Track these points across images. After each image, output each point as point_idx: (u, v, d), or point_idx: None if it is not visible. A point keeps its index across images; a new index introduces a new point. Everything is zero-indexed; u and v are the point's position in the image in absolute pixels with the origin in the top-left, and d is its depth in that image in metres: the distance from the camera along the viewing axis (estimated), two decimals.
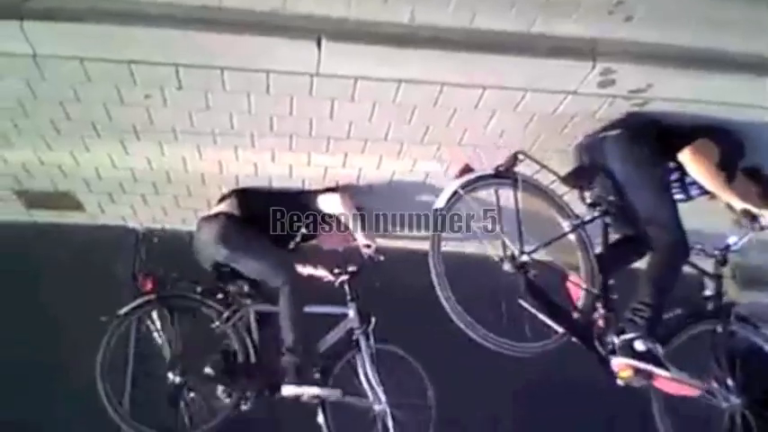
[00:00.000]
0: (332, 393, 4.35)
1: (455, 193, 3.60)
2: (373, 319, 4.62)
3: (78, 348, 4.43)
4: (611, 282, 3.65)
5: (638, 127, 3.63)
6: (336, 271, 4.71)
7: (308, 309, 4.46)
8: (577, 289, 3.67)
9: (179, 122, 3.86)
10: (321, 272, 4.79)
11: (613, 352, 3.47)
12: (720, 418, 3.75)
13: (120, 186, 4.71)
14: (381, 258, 4.52)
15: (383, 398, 4.55)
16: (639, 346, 3.37)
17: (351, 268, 4.66)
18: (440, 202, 3.60)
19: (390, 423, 4.54)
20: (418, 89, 3.52)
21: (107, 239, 5.32)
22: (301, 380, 4.21)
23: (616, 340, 3.45)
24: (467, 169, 3.74)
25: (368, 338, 4.60)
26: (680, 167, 3.63)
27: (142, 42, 3.18)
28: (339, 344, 4.64)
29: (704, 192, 3.70)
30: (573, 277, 3.68)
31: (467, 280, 3.42)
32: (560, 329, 3.54)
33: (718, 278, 3.83)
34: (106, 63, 3.31)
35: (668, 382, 3.47)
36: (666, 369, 3.39)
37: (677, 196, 3.76)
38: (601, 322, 3.56)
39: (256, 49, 3.21)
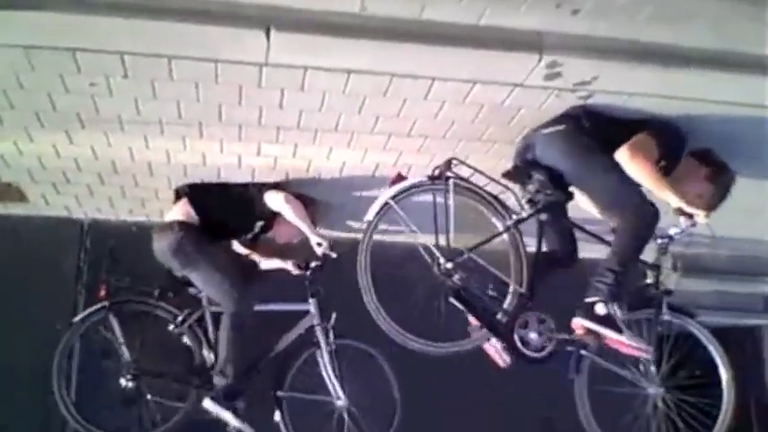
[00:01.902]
0: (245, 428, 4.31)
1: (385, 204, 3.69)
2: (333, 316, 4.62)
3: (21, 343, 4.36)
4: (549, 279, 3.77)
5: (577, 122, 3.67)
6: (303, 265, 4.70)
7: (268, 307, 4.53)
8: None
9: (125, 111, 3.79)
10: (288, 265, 4.77)
11: (536, 350, 3.66)
12: (644, 405, 3.88)
13: (64, 176, 4.61)
14: (334, 255, 4.49)
15: (342, 394, 4.59)
16: (600, 309, 3.47)
17: (313, 264, 4.66)
18: (369, 215, 3.69)
19: (350, 420, 4.59)
20: (368, 79, 3.51)
21: (51, 231, 5.21)
22: (223, 403, 4.27)
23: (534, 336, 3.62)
24: (399, 178, 3.82)
25: (327, 335, 4.61)
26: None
27: (87, 30, 3.11)
28: (299, 341, 4.67)
29: None
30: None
31: (397, 277, 3.59)
32: (483, 328, 3.66)
33: (656, 267, 3.91)
34: (50, 51, 3.23)
35: (620, 344, 3.54)
36: (620, 332, 3.47)
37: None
38: (525, 321, 3.69)
39: (204, 38, 3.16)
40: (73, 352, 4.48)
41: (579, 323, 3.53)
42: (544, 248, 3.84)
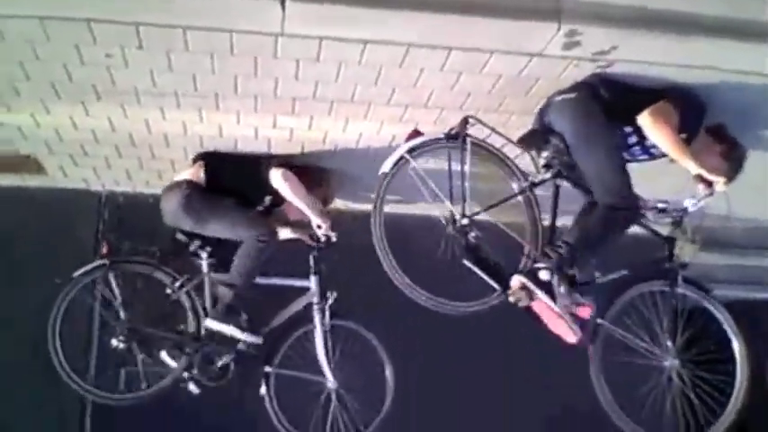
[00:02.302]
0: (254, 339, 4.35)
1: (401, 157, 3.67)
2: (333, 295, 4.58)
3: (39, 316, 4.41)
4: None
5: (594, 90, 3.64)
6: (316, 237, 4.62)
7: (269, 280, 4.51)
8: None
9: (141, 83, 3.79)
10: (301, 234, 4.70)
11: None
12: (659, 377, 3.84)
13: (81, 149, 4.63)
14: (335, 239, 4.47)
15: (331, 375, 4.59)
16: (544, 275, 3.46)
17: (323, 239, 4.58)
18: (386, 167, 3.67)
19: (338, 402, 4.59)
20: (384, 50, 3.49)
21: (69, 203, 5.24)
22: (225, 318, 4.30)
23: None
24: (415, 133, 3.80)
25: (323, 315, 4.57)
26: (638, 130, 3.64)
27: (102, 1, 3.11)
28: (295, 317, 4.64)
29: (665, 153, 3.72)
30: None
31: (411, 241, 3.54)
32: (498, 288, 3.62)
33: (671, 240, 3.86)
34: (65, 21, 3.23)
35: (548, 310, 3.51)
36: (553, 300, 3.46)
37: (640, 158, 3.80)
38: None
39: (219, 9, 3.15)
40: (70, 307, 4.44)
41: (518, 279, 3.52)
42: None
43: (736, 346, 3.86)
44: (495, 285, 3.64)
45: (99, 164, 4.87)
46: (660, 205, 3.74)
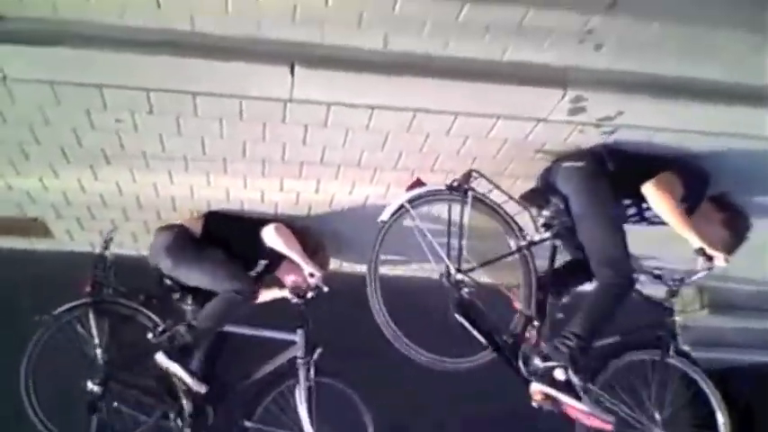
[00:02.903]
0: (198, 387, 4.21)
1: (401, 206, 3.65)
2: (318, 350, 4.48)
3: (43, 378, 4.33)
4: (558, 302, 3.74)
5: (599, 161, 3.66)
6: (301, 294, 4.56)
7: (254, 332, 4.43)
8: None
9: (150, 147, 3.83)
10: (286, 293, 4.64)
11: (536, 374, 3.52)
12: None
13: (89, 212, 4.64)
14: (326, 289, 4.39)
15: None
16: (559, 375, 3.41)
17: (310, 294, 4.52)
18: (385, 215, 3.65)
19: None
20: (391, 115, 3.53)
21: (75, 266, 5.20)
22: (177, 358, 4.15)
23: (539, 365, 3.50)
24: (418, 183, 3.78)
25: (308, 370, 4.46)
26: (636, 201, 3.66)
27: (113, 66, 3.15)
28: (278, 371, 4.53)
29: (663, 222, 3.69)
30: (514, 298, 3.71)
31: (404, 299, 3.52)
32: (488, 347, 3.57)
33: (669, 310, 3.83)
34: (76, 87, 3.29)
35: (579, 412, 3.46)
36: (579, 400, 3.40)
37: (637, 226, 3.79)
38: (530, 344, 3.60)
39: (229, 75, 3.20)
40: (46, 347, 4.30)
41: (537, 389, 3.47)
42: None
43: (721, 421, 3.82)
44: (485, 343, 3.58)
45: (105, 227, 4.85)
46: (656, 271, 3.74)
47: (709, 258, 3.53)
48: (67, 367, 4.50)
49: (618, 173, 3.62)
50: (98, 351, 4.37)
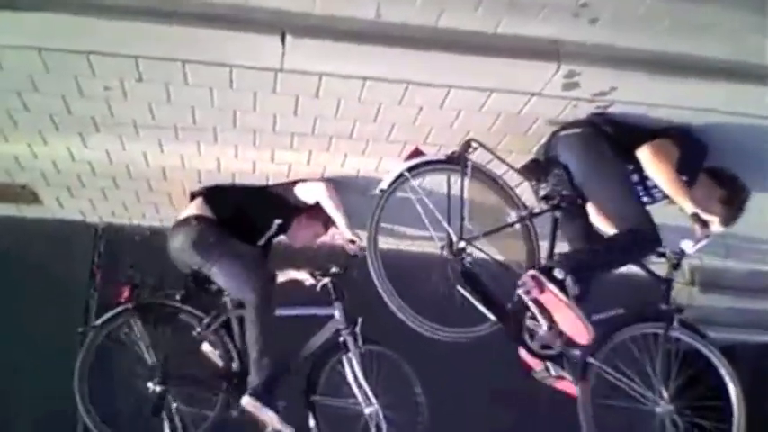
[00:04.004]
0: (285, 428, 4.11)
1: (401, 175, 3.60)
2: (360, 320, 4.49)
3: (31, 346, 4.34)
4: None
5: (597, 127, 3.64)
6: (318, 273, 4.60)
7: (291, 311, 4.41)
8: None
9: (139, 116, 3.79)
10: (302, 275, 4.67)
11: (544, 346, 3.54)
12: (651, 422, 3.74)
13: (78, 180, 4.61)
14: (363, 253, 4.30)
15: (374, 399, 4.45)
16: (558, 273, 3.36)
17: (333, 269, 4.55)
18: (384, 184, 3.61)
19: (384, 425, 4.44)
20: (383, 87, 3.49)
21: (65, 234, 5.21)
22: (264, 399, 4.04)
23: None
24: (416, 153, 3.74)
25: (355, 339, 4.48)
26: (639, 170, 3.63)
27: (102, 33, 3.11)
28: (326, 346, 4.55)
29: (666, 195, 3.68)
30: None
31: (407, 273, 3.52)
32: (492, 317, 3.54)
33: (667, 282, 3.79)
34: (65, 54, 3.24)
35: (559, 305, 3.38)
36: (566, 296, 3.34)
37: (642, 199, 3.75)
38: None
39: (219, 43, 3.16)
40: (96, 357, 4.26)
41: (531, 272, 3.42)
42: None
43: (733, 391, 3.79)
44: (489, 315, 3.55)
45: (96, 195, 4.85)
46: (659, 249, 3.66)
47: (705, 224, 3.48)
48: (121, 375, 4.53)
49: (616, 137, 3.60)
50: (150, 353, 4.39)
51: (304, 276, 4.68)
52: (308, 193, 4.42)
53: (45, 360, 4.58)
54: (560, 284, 3.34)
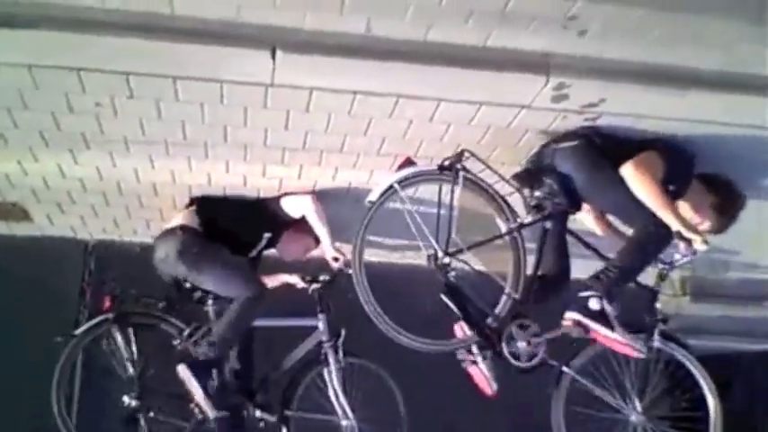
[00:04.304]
0: (209, 409, 4.08)
1: (390, 187, 3.62)
2: (343, 332, 4.49)
3: (22, 363, 4.31)
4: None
5: (588, 137, 3.65)
6: (308, 278, 4.59)
7: (276, 322, 4.41)
8: None
9: (130, 132, 3.79)
10: (293, 278, 4.67)
11: (518, 357, 3.58)
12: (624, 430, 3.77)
13: (69, 197, 4.60)
14: (350, 271, 4.21)
15: (350, 414, 4.45)
16: (594, 304, 3.41)
17: (323, 277, 4.54)
18: (373, 195, 3.63)
19: None
20: (374, 101, 3.50)
21: (56, 251, 5.19)
22: (199, 373, 4.07)
23: (523, 347, 3.57)
24: (407, 162, 3.74)
25: (337, 352, 4.47)
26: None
27: (92, 50, 3.11)
28: (307, 358, 4.54)
29: None
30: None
31: (392, 284, 3.63)
32: (470, 331, 3.59)
33: (653, 293, 3.80)
34: (55, 70, 3.24)
35: (611, 340, 3.46)
36: (612, 329, 3.41)
37: None
38: (515, 328, 3.62)
39: (210, 59, 3.16)
40: (74, 367, 4.32)
41: (570, 316, 3.48)
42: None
43: (711, 403, 3.79)
44: (467, 329, 3.61)
45: (86, 212, 4.84)
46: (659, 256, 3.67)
47: (689, 242, 3.46)
48: (99, 384, 4.58)
49: (605, 149, 3.61)
50: (128, 364, 4.36)
51: (295, 280, 4.67)
52: (293, 207, 4.41)
53: (34, 377, 4.53)
54: (601, 317, 3.40)
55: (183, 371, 4.06)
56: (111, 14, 2.99)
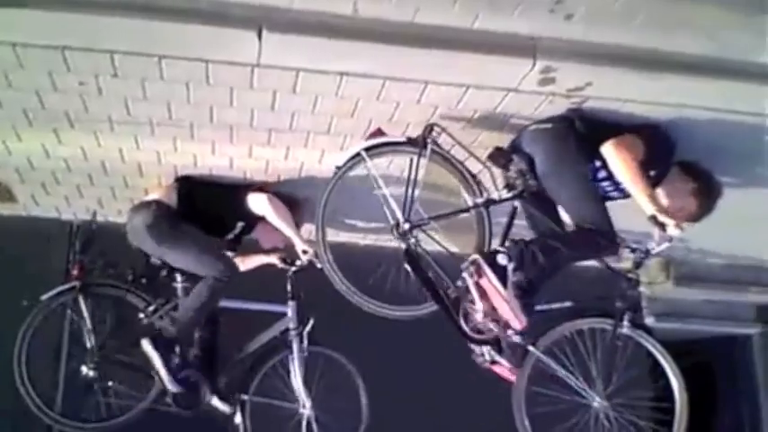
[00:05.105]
0: (171, 385, 4.18)
1: (358, 154, 3.70)
2: (311, 320, 4.50)
3: (5, 344, 4.30)
4: None
5: (570, 123, 3.64)
6: (289, 260, 4.58)
7: (245, 305, 4.43)
8: None
9: (115, 111, 3.77)
10: (272, 259, 4.68)
11: (478, 331, 3.63)
12: (584, 416, 3.77)
13: (53, 177, 4.58)
14: (320, 265, 4.15)
15: (308, 403, 4.47)
16: (501, 259, 3.44)
17: (299, 262, 4.52)
18: (340, 161, 3.71)
19: (315, 428, 4.46)
20: (361, 83, 3.49)
21: (40, 231, 5.16)
22: (161, 349, 4.14)
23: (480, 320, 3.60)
24: (377, 133, 3.80)
25: (301, 341, 4.47)
26: (606, 164, 3.60)
27: (77, 28, 3.08)
28: (271, 344, 4.55)
29: None
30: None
31: (361, 259, 3.73)
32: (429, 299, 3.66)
33: (627, 279, 3.77)
34: (39, 49, 3.21)
35: (495, 294, 3.46)
36: (504, 283, 3.41)
37: (611, 194, 3.76)
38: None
39: (195, 38, 3.14)
40: (37, 332, 4.28)
41: (474, 256, 3.50)
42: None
43: (677, 392, 3.77)
44: (427, 295, 3.66)
45: (71, 192, 4.81)
46: (633, 245, 3.65)
47: (663, 227, 3.42)
48: (60, 351, 4.66)
49: (586, 134, 3.60)
50: (90, 335, 4.37)
51: (274, 260, 4.66)
52: (254, 205, 4.40)
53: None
54: (500, 271, 3.42)
55: (146, 345, 4.11)
56: None
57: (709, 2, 3.21)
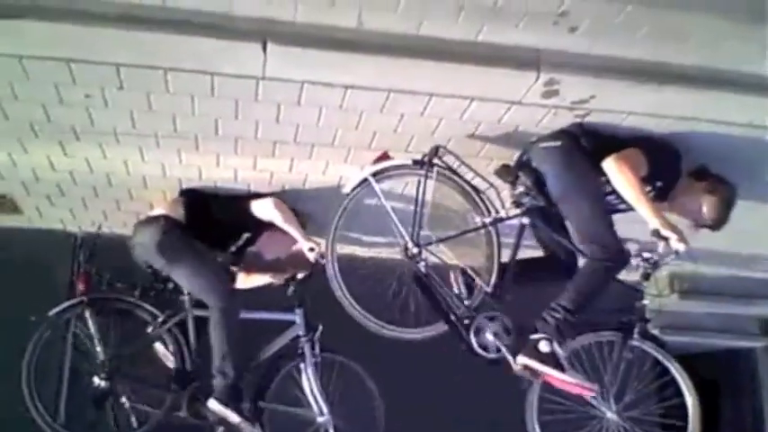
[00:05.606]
0: (252, 430, 4.22)
1: (365, 180, 3.70)
2: (320, 327, 4.49)
3: (11, 356, 4.29)
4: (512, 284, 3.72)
5: (575, 139, 3.64)
6: (287, 276, 4.59)
7: (253, 315, 4.40)
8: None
9: (120, 124, 3.78)
10: (276, 279, 4.67)
11: (485, 348, 3.62)
12: (595, 427, 3.76)
13: (58, 189, 4.59)
14: (323, 262, 4.16)
15: (326, 409, 4.43)
16: (544, 347, 3.42)
17: (300, 274, 4.54)
18: (347, 188, 3.73)
19: None
20: (365, 95, 3.51)
21: (45, 243, 5.17)
22: (230, 404, 4.14)
23: (490, 339, 3.61)
24: (384, 157, 3.81)
25: (313, 347, 4.46)
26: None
27: (82, 41, 3.10)
28: (283, 351, 4.54)
29: None
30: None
31: (370, 277, 3.74)
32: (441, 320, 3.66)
33: (636, 291, 3.78)
34: (45, 61, 3.23)
35: (561, 381, 3.46)
36: (563, 371, 3.41)
37: (620, 207, 3.74)
38: (484, 319, 3.65)
39: (200, 51, 3.16)
40: (44, 348, 4.28)
41: (521, 361, 3.47)
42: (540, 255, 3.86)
43: (690, 403, 3.75)
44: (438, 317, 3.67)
45: (76, 204, 4.82)
46: (645, 254, 3.61)
47: (665, 240, 3.43)
48: (63, 365, 4.62)
49: (592, 150, 3.60)
50: (99, 348, 4.36)
51: (271, 279, 4.68)
52: (260, 211, 4.39)
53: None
54: (552, 359, 3.40)
55: (216, 407, 4.14)
56: (102, 5, 2.99)
57: (712, 14, 3.21)
